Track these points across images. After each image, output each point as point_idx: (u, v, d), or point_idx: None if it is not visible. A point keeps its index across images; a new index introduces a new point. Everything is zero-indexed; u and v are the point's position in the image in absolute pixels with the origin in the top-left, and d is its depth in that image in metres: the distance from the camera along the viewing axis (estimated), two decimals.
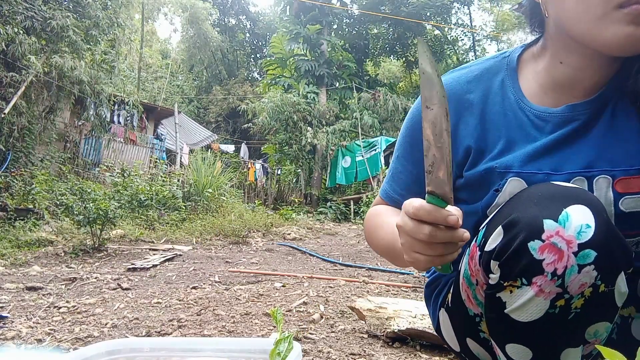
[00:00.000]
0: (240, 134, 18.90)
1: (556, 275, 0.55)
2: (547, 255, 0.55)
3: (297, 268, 3.82)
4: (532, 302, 0.57)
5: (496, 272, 0.61)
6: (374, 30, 20.03)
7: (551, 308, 0.57)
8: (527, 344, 0.61)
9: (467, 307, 0.75)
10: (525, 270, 0.57)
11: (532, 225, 0.56)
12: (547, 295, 0.56)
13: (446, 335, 0.89)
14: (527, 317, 0.59)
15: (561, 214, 0.56)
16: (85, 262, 3.90)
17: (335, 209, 11.74)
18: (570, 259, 0.54)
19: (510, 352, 0.64)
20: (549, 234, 0.55)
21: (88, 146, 10.31)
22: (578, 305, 0.56)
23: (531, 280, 0.56)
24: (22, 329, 1.77)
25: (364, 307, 1.78)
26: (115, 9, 9.00)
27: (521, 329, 0.60)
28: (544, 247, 0.55)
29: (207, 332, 1.76)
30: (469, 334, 0.79)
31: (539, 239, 0.56)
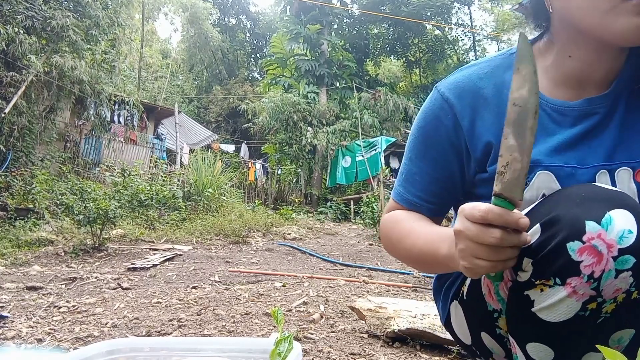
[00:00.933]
0: (240, 134, 18.90)
1: (592, 278, 0.54)
2: (585, 257, 0.54)
3: (297, 268, 3.82)
4: (563, 303, 0.57)
5: (528, 269, 0.60)
6: (374, 30, 20.03)
7: (582, 310, 0.56)
8: (551, 344, 0.61)
9: (487, 302, 0.76)
10: (560, 270, 0.56)
11: (574, 226, 0.56)
12: (580, 297, 0.55)
13: (457, 328, 0.90)
14: (556, 318, 0.58)
15: (604, 216, 0.55)
16: (86, 262, 3.90)
17: (336, 209, 11.74)
18: (609, 263, 0.53)
19: (531, 351, 0.63)
20: (590, 236, 0.54)
21: (88, 146, 10.31)
22: (609, 310, 0.56)
23: (565, 281, 0.56)
24: (22, 329, 1.77)
25: (364, 307, 1.78)
26: (116, 8, 9.00)
27: (547, 329, 0.60)
28: (583, 249, 0.54)
29: (207, 332, 1.76)
30: (485, 329, 0.80)
31: (579, 240, 0.55)
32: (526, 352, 0.64)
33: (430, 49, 19.93)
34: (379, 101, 14.08)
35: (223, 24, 22.85)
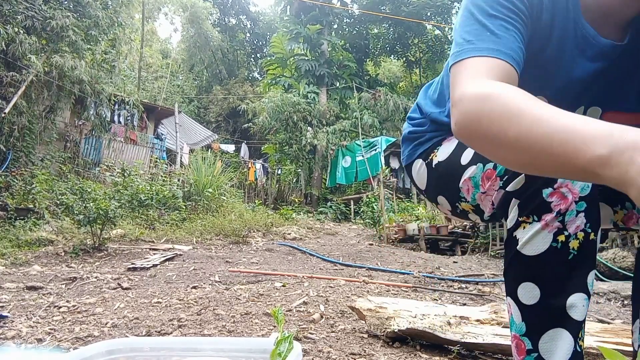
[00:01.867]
0: (240, 134, 18.90)
1: (559, 213, 0.70)
2: (554, 199, 0.71)
3: (297, 268, 3.82)
4: (539, 235, 0.71)
5: (514, 211, 0.75)
6: (374, 30, 20.02)
7: (554, 242, 0.71)
8: (536, 280, 0.73)
9: (461, 191, 0.90)
10: (537, 208, 0.71)
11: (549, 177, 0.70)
12: (551, 228, 0.71)
13: (417, 177, 1.07)
14: (534, 250, 0.72)
15: None
16: (86, 262, 3.90)
17: (336, 209, 11.74)
18: (572, 204, 0.70)
19: (521, 294, 0.75)
20: (560, 184, 0.71)
21: (88, 146, 10.31)
22: (575, 246, 0.71)
23: (541, 217, 0.71)
24: (22, 329, 1.77)
25: (364, 307, 1.78)
26: (116, 8, 9.01)
27: (530, 265, 0.73)
28: (553, 193, 0.71)
29: (207, 332, 1.76)
30: (445, 195, 0.98)
31: (551, 187, 0.71)
32: (518, 299, 0.75)
33: (430, 49, 19.92)
34: (379, 101, 14.08)
35: (223, 24, 22.85)
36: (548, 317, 0.72)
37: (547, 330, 0.72)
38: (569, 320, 0.71)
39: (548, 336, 0.72)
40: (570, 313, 0.71)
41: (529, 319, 0.74)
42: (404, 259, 4.74)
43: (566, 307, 0.71)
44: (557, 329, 0.71)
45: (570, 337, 0.71)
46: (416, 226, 7.14)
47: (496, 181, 0.80)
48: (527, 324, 0.74)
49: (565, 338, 0.71)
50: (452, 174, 0.92)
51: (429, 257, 5.30)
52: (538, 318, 0.73)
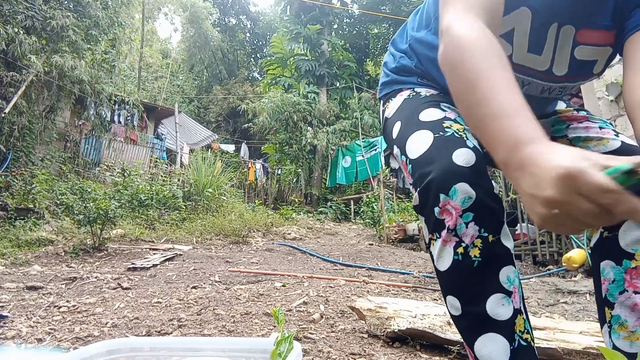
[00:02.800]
0: (240, 134, 18.90)
1: (450, 229, 0.74)
2: (445, 217, 0.74)
3: (297, 268, 3.82)
4: (443, 251, 0.75)
5: (426, 227, 0.79)
6: (374, 30, 20.01)
7: (455, 254, 0.74)
8: (454, 292, 0.76)
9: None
10: (435, 226, 0.76)
11: (434, 197, 0.75)
12: (449, 243, 0.75)
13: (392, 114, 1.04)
14: (444, 265, 0.76)
15: (451, 189, 0.73)
16: (86, 262, 3.90)
17: (336, 209, 11.74)
18: (458, 219, 0.73)
19: (449, 306, 0.78)
20: (443, 203, 0.74)
21: (88, 146, 10.31)
22: (476, 253, 0.73)
23: (440, 234, 0.76)
24: (22, 329, 1.77)
25: (364, 307, 1.78)
26: (116, 8, 9.01)
27: (446, 279, 0.77)
28: (442, 212, 0.75)
29: (207, 332, 1.76)
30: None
31: (437, 206, 0.75)
32: (449, 311, 0.79)
33: None
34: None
35: (223, 24, 22.84)
36: (474, 324, 0.74)
37: (478, 337, 0.74)
38: (494, 322, 0.72)
39: (481, 342, 0.73)
40: (493, 316, 0.72)
41: (461, 329, 0.77)
42: (404, 259, 4.74)
43: (487, 311, 0.73)
44: (488, 334, 0.73)
45: (501, 338, 0.72)
46: (416, 226, 7.14)
47: (409, 177, 0.85)
48: (462, 333, 0.77)
49: (497, 340, 0.72)
50: (389, 138, 0.99)
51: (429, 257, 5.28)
52: (467, 327, 0.76)
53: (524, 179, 0.53)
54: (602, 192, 0.46)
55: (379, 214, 8.05)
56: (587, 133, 0.91)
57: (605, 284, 0.83)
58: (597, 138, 0.89)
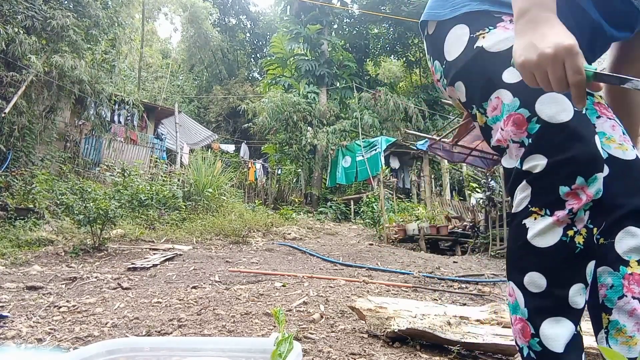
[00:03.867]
0: (240, 134, 18.90)
1: (571, 212, 0.74)
2: (569, 199, 0.74)
3: (297, 268, 3.82)
4: (551, 229, 0.75)
5: (525, 198, 0.78)
6: (374, 30, 20.01)
7: (564, 235, 0.75)
8: (544, 271, 0.76)
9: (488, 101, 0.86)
10: (551, 203, 0.75)
11: (569, 174, 0.74)
12: (562, 223, 0.75)
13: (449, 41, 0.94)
14: (546, 242, 0.75)
15: (591, 177, 0.74)
16: (86, 262, 3.90)
17: (336, 209, 11.74)
18: (583, 205, 0.74)
19: (527, 282, 0.77)
20: (577, 186, 0.74)
21: (88, 146, 10.31)
22: (580, 240, 0.75)
23: (553, 213, 0.75)
24: (23, 329, 1.77)
25: (364, 307, 1.78)
26: (116, 8, 9.01)
27: (540, 256, 0.76)
28: (569, 193, 0.74)
29: (207, 332, 1.76)
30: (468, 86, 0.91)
31: (568, 186, 0.74)
32: (524, 287, 0.78)
33: None
34: (379, 101, 14.08)
35: (223, 24, 22.84)
36: (551, 305, 0.76)
37: (548, 317, 0.75)
38: (569, 309, 0.75)
39: (549, 323, 0.75)
40: (571, 303, 0.75)
41: (533, 305, 0.77)
42: (404, 259, 4.74)
43: (568, 297, 0.75)
44: (559, 317, 0.75)
45: (571, 324, 0.75)
46: (416, 226, 7.14)
47: (523, 134, 0.78)
48: (529, 310, 0.77)
49: (566, 325, 0.75)
50: (489, 77, 0.85)
51: (429, 257, 5.30)
52: (541, 306, 0.76)
53: (534, 31, 0.69)
54: (576, 72, 0.65)
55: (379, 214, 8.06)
56: (612, 133, 0.89)
57: (603, 289, 0.83)
58: (619, 142, 0.88)
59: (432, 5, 1.00)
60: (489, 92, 0.84)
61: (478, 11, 0.91)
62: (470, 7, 0.92)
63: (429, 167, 13.15)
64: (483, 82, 0.86)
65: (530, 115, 0.77)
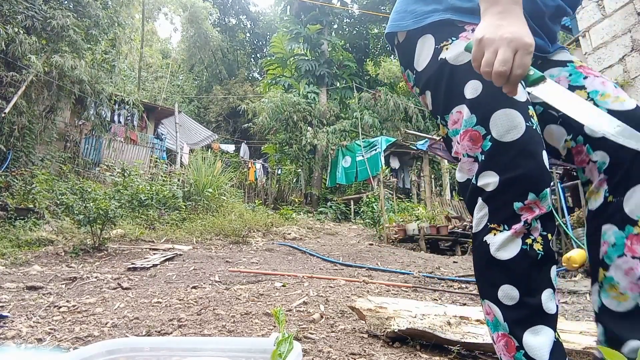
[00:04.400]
0: (240, 134, 18.90)
1: (526, 223, 0.78)
2: (523, 212, 0.78)
3: (297, 268, 3.82)
4: (511, 241, 0.78)
5: (483, 217, 0.81)
6: (374, 30, 20.01)
7: (524, 244, 0.78)
8: (513, 282, 0.78)
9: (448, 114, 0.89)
10: (507, 219, 0.78)
11: (521, 192, 0.77)
12: (519, 234, 0.78)
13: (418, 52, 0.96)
14: (508, 254, 0.78)
15: (542, 192, 0.78)
16: (86, 262, 3.90)
17: (336, 209, 11.74)
18: (535, 216, 0.77)
19: (501, 296, 0.79)
20: (529, 201, 0.77)
21: (88, 146, 10.31)
22: (539, 247, 0.78)
23: (511, 227, 0.78)
24: (22, 329, 1.77)
25: (364, 307, 1.78)
26: (116, 8, 9.01)
27: (506, 268, 0.78)
28: (523, 208, 0.78)
29: (207, 332, 1.76)
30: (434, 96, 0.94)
31: (522, 202, 0.77)
32: (499, 301, 0.79)
33: None
34: (379, 101, 14.08)
35: (223, 24, 22.85)
36: (528, 315, 0.77)
37: (528, 327, 0.76)
38: (545, 315, 0.77)
39: (530, 333, 0.76)
40: (545, 309, 0.76)
41: (512, 318, 0.78)
42: (404, 259, 4.74)
43: (542, 304, 0.76)
44: (538, 326, 0.76)
45: (550, 331, 0.76)
46: (416, 226, 7.14)
47: (477, 150, 0.82)
48: (509, 324, 0.79)
49: (546, 332, 0.76)
50: (451, 90, 0.87)
51: (429, 257, 5.30)
52: (519, 317, 0.78)
53: (501, 18, 0.73)
54: (521, 67, 0.70)
55: (379, 214, 8.06)
56: (605, 89, 0.89)
57: (605, 246, 0.85)
58: (615, 95, 0.88)
59: (395, 18, 1.02)
60: (450, 106, 0.88)
61: (441, 20, 0.92)
62: (433, 18, 0.93)
63: (429, 167, 13.15)
64: (446, 95, 0.89)
65: (485, 133, 0.80)
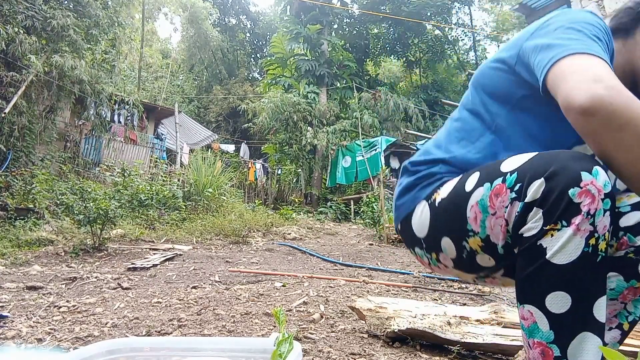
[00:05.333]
0: (240, 134, 18.90)
1: (589, 214, 0.68)
2: (583, 199, 0.68)
3: (297, 268, 3.82)
4: (571, 242, 0.68)
5: (538, 220, 0.71)
6: (374, 30, 20.03)
7: (586, 246, 0.68)
8: (568, 288, 0.70)
9: (468, 222, 0.84)
10: (565, 212, 0.69)
11: (572, 176, 0.69)
12: (583, 232, 0.68)
13: (416, 224, 0.97)
14: (567, 259, 0.69)
15: (593, 169, 0.69)
16: (86, 262, 3.90)
17: (336, 209, 11.74)
18: (600, 203, 0.68)
19: (550, 303, 0.71)
20: (585, 182, 0.68)
21: (88, 146, 10.31)
22: (603, 247, 0.69)
23: (570, 221, 0.68)
24: (23, 329, 1.77)
25: (364, 307, 1.78)
26: (116, 8, 9.01)
27: (561, 274, 0.70)
28: (581, 193, 0.68)
29: (207, 332, 1.76)
30: (451, 236, 0.89)
31: (577, 186, 0.68)
32: (546, 308, 0.71)
33: (430, 49, 19.93)
34: (379, 101, 14.09)
35: (223, 24, 22.84)
36: (578, 322, 0.70)
37: (575, 335, 0.70)
38: (595, 323, 0.70)
39: (577, 341, 0.70)
40: (596, 316, 0.70)
41: (559, 326, 0.71)
42: (404, 259, 4.74)
43: (593, 311, 0.70)
44: (585, 333, 0.70)
45: (597, 339, 0.70)
46: None
47: (507, 194, 0.76)
48: (555, 332, 0.72)
49: (593, 341, 0.70)
50: (458, 206, 0.87)
51: None
52: (568, 325, 0.71)
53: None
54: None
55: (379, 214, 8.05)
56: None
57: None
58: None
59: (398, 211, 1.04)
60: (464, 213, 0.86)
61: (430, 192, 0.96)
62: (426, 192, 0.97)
63: None
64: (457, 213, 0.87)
65: (502, 178, 0.78)
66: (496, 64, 0.94)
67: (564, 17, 0.84)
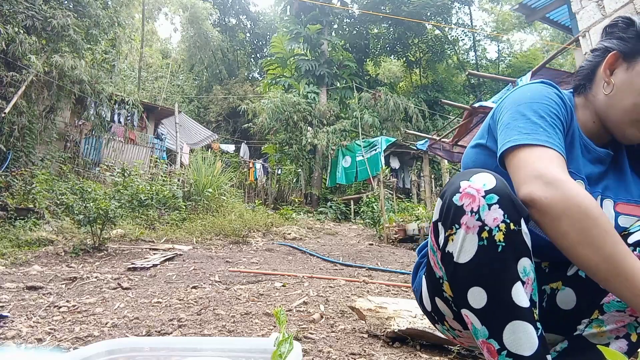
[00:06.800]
0: (240, 134, 18.89)
1: (473, 212, 0.75)
2: (465, 201, 0.76)
3: (297, 268, 3.82)
4: (466, 240, 0.76)
5: (442, 232, 0.80)
6: (374, 30, 20.02)
7: (480, 240, 0.75)
8: (479, 282, 0.76)
9: (434, 271, 0.91)
10: (455, 216, 0.77)
11: (454, 187, 0.79)
12: (473, 229, 0.75)
13: (424, 297, 1.03)
14: (467, 256, 0.76)
15: (470, 177, 0.79)
16: (86, 262, 3.90)
17: (336, 209, 11.74)
18: (480, 200, 0.75)
19: (471, 300, 0.78)
20: (463, 187, 0.77)
21: (88, 146, 10.31)
22: (500, 238, 0.74)
23: (460, 222, 0.76)
24: (23, 329, 1.77)
25: (364, 307, 1.78)
26: (116, 8, 9.01)
27: (469, 270, 0.76)
28: (462, 196, 0.77)
29: (207, 332, 1.76)
30: (436, 294, 0.95)
31: (457, 192, 0.78)
32: (470, 306, 0.78)
33: (430, 49, 19.93)
34: (379, 101, 14.08)
35: (223, 24, 22.84)
36: (501, 312, 0.75)
37: (505, 325, 0.75)
38: (519, 310, 0.74)
39: (509, 331, 0.75)
40: (517, 302, 0.74)
41: (488, 320, 0.77)
42: (404, 259, 4.74)
43: (512, 299, 0.74)
44: (514, 322, 0.74)
45: (527, 324, 0.74)
46: (416, 226, 7.14)
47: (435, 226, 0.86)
48: (487, 327, 0.77)
49: (523, 327, 0.74)
50: (429, 262, 0.95)
51: None
52: (493, 317, 0.76)
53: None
54: None
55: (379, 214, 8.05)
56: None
57: (611, 297, 0.89)
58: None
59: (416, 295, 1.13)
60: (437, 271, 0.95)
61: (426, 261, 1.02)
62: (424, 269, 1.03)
63: (429, 167, 13.15)
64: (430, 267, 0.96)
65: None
66: (474, 144, 1.06)
67: (513, 98, 0.94)
